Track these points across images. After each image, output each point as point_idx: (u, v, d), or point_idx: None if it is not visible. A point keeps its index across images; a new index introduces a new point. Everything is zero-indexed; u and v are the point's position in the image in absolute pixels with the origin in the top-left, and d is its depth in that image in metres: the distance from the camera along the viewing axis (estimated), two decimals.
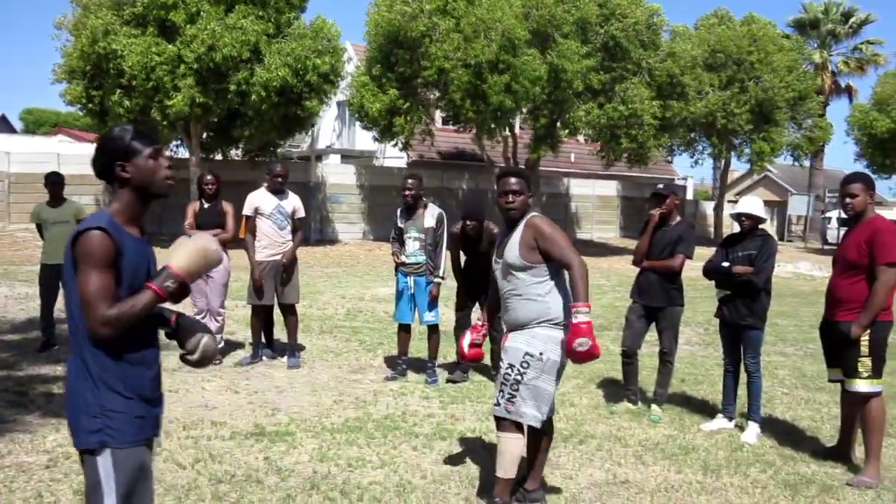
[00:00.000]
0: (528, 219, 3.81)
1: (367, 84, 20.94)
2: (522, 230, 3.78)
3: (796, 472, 4.68)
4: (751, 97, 25.55)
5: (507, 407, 3.72)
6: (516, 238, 3.78)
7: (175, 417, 5.20)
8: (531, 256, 3.73)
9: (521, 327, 3.77)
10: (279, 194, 6.85)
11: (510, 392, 3.71)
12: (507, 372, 3.73)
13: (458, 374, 6.63)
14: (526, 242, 3.74)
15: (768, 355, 7.91)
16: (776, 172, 43.37)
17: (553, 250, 3.70)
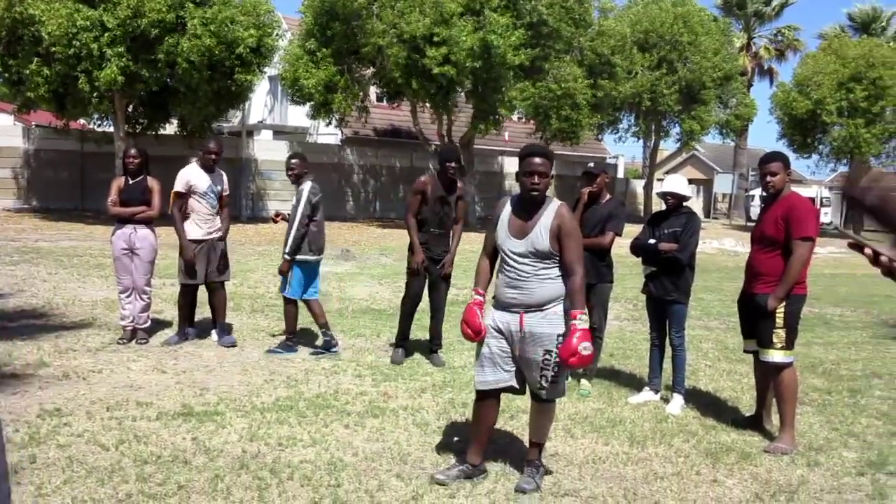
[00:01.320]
0: (557, 207, 3.84)
1: (301, 57, 20.53)
2: (552, 218, 3.80)
3: (717, 441, 4.85)
4: (679, 78, 26.13)
5: (554, 389, 3.90)
6: (546, 224, 3.80)
7: (98, 398, 5.05)
8: (555, 245, 3.79)
9: (538, 307, 3.82)
10: (211, 172, 6.68)
11: (553, 375, 3.84)
12: (546, 358, 3.81)
13: (398, 354, 6.48)
14: (553, 231, 3.78)
15: (693, 329, 8.17)
16: (703, 151, 44.59)
17: (570, 251, 3.80)
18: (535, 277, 3.83)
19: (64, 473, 3.83)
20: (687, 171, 42.91)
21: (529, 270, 3.83)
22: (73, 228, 16.77)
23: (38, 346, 6.28)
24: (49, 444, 4.20)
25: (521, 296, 3.85)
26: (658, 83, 25.94)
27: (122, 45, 16.46)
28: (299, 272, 6.48)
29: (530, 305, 3.84)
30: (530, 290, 3.83)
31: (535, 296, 3.83)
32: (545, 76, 21.24)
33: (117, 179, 6.82)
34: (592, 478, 4.17)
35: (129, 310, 6.69)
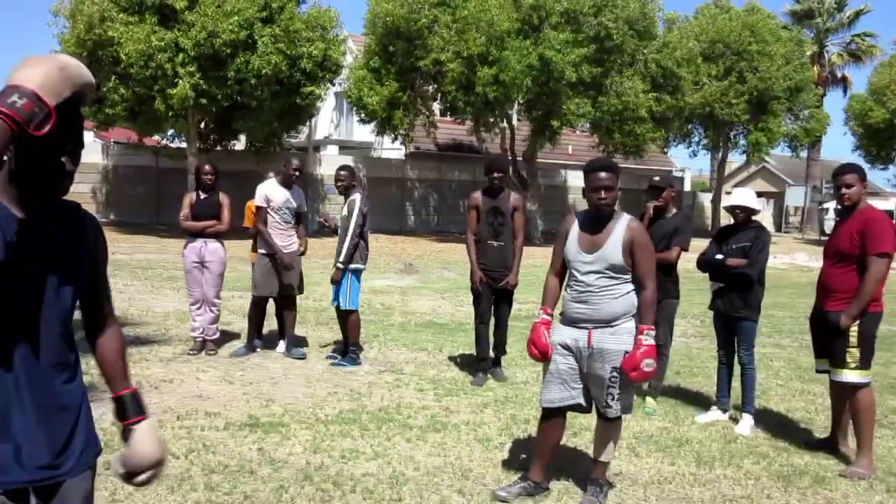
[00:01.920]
0: (628, 221, 3.83)
1: (365, 77, 20.89)
2: (624, 232, 3.78)
3: (790, 464, 4.69)
4: (748, 88, 25.53)
5: (621, 406, 3.85)
6: (618, 238, 3.78)
7: (169, 407, 5.20)
8: (627, 259, 3.78)
9: (607, 323, 3.79)
10: (289, 188, 6.85)
11: (620, 393, 3.80)
12: (613, 375, 3.77)
13: (480, 378, 6.34)
14: (626, 245, 3.77)
15: (763, 347, 7.93)
16: (773, 163, 43.38)
17: (643, 263, 3.79)
18: (604, 293, 3.79)
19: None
20: (757, 183, 41.80)
21: (599, 285, 3.79)
22: (147, 242, 17.38)
23: None
24: None
25: (589, 311, 3.81)
26: (727, 93, 25.39)
27: (194, 64, 17.05)
28: (356, 282, 6.58)
29: (599, 321, 3.79)
30: (599, 306, 3.79)
31: (604, 311, 3.78)
32: (606, 91, 21.05)
33: (189, 194, 7.04)
34: (658, 499, 4.08)
35: (199, 321, 6.88)
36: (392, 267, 14.75)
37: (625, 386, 3.81)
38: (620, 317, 3.79)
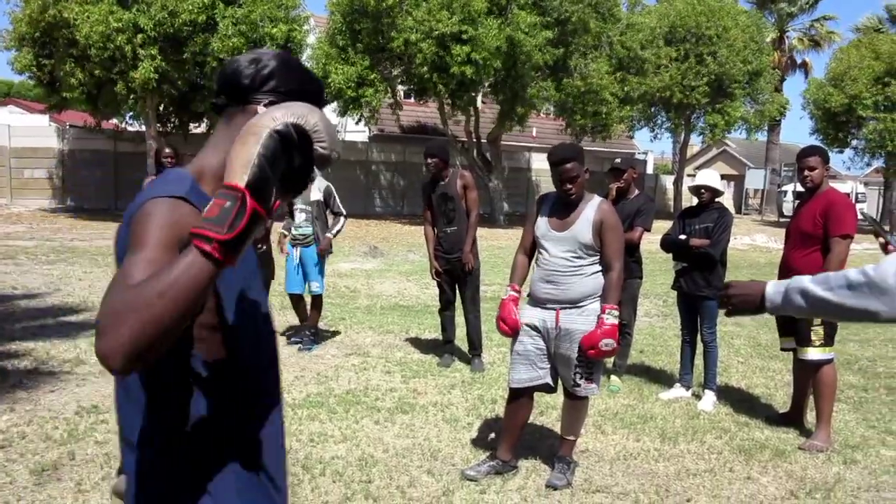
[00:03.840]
0: (599, 202, 3.86)
1: (331, 55, 20.61)
2: (594, 213, 3.81)
3: (751, 438, 4.80)
4: (708, 71, 25.83)
5: (587, 387, 3.88)
6: (588, 218, 3.81)
7: None
8: (596, 239, 3.80)
9: (574, 304, 3.82)
10: None
11: (587, 372, 3.84)
12: (580, 355, 3.79)
13: (446, 359, 6.34)
14: (595, 226, 3.79)
15: (725, 325, 8.08)
16: (734, 147, 44.07)
17: (611, 245, 3.81)
18: (572, 272, 3.82)
19: (102, 469, 3.90)
20: (718, 166, 42.40)
21: (567, 265, 3.83)
22: (107, 228, 17.05)
23: (75, 344, 6.40)
24: (87, 441, 4.28)
25: (557, 291, 3.84)
26: (687, 76, 25.67)
27: (154, 45, 16.69)
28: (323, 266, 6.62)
29: (566, 301, 3.83)
30: (568, 286, 3.82)
31: (571, 291, 3.82)
32: (571, 73, 21.12)
33: (149, 178, 6.93)
34: (624, 474, 4.15)
35: None
36: (357, 250, 14.67)
37: (593, 366, 3.85)
38: (588, 297, 3.83)
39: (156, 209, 1.32)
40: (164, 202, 1.33)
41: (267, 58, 1.50)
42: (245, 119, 1.40)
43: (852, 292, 1.80)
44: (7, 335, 6.62)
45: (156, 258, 1.23)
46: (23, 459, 3.99)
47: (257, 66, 1.47)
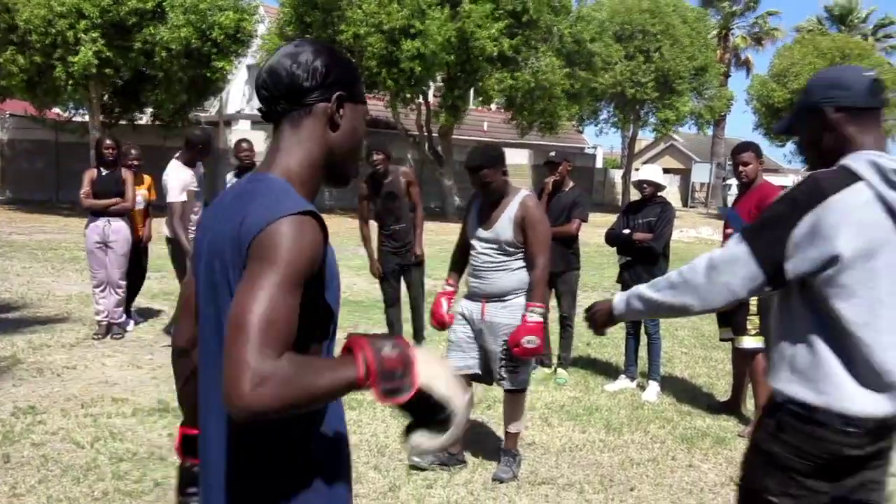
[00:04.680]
0: (523, 198, 3.88)
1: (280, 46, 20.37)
2: (516, 209, 3.83)
3: (693, 427, 4.91)
4: (656, 67, 26.29)
5: (513, 380, 3.91)
6: (510, 215, 3.84)
7: (73, 395, 5.01)
8: (518, 236, 3.82)
9: (499, 298, 3.87)
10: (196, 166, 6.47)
11: (511, 365, 3.86)
12: (504, 349, 3.82)
13: None
14: (517, 222, 3.81)
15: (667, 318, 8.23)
16: (681, 141, 44.87)
17: (534, 241, 3.82)
18: (496, 267, 3.89)
19: (39, 472, 3.80)
20: (665, 160, 43.16)
21: (491, 261, 3.89)
22: (47, 221, 16.56)
23: (12, 342, 6.21)
24: (23, 443, 4.17)
25: (483, 285, 3.92)
26: (636, 73, 26.08)
27: (97, 31, 16.25)
28: None
29: (491, 295, 3.90)
30: (492, 281, 3.89)
31: (495, 286, 3.89)
32: (522, 67, 21.23)
33: (90, 171, 6.71)
34: (569, 465, 4.21)
35: (103, 304, 6.63)
36: None
37: (518, 360, 3.87)
38: (512, 292, 3.88)
39: (300, 233, 1.29)
40: (299, 223, 1.30)
41: (309, 54, 1.44)
42: (314, 122, 1.43)
43: (673, 291, 2.02)
44: None
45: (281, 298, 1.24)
46: None
47: (309, 66, 1.43)
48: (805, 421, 1.89)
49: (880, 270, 1.83)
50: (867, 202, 1.82)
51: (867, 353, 1.84)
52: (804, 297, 1.90)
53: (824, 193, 1.82)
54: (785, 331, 1.97)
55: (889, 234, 1.84)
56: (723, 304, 1.96)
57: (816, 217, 1.81)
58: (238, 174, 6.50)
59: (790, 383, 1.93)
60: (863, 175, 1.84)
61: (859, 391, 1.85)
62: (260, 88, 1.45)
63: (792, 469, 1.92)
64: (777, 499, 1.95)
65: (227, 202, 1.44)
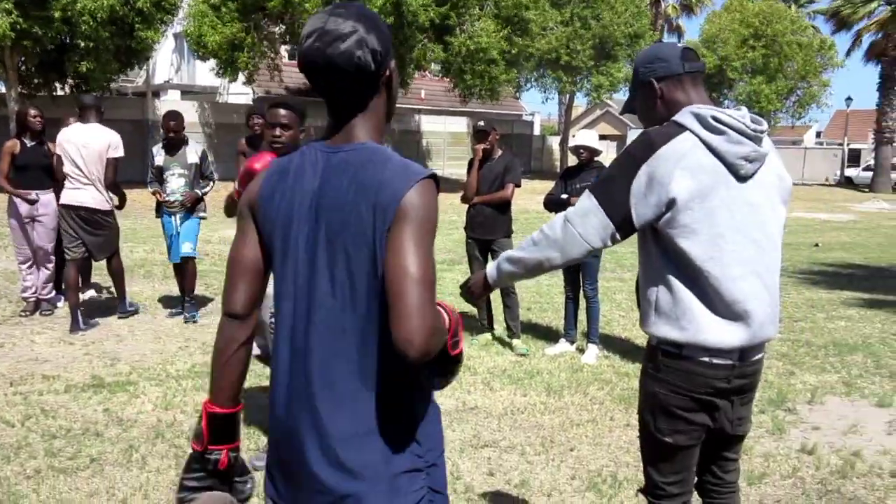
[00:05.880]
0: None
1: (206, 14, 19.72)
2: None
3: (631, 388, 5.03)
4: (593, 34, 26.48)
5: None
6: None
7: (1, 373, 4.83)
8: None
9: None
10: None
11: None
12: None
13: None
14: None
15: (607, 281, 8.40)
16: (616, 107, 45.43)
17: None
18: None
19: None
20: (601, 127, 43.73)
21: None
22: None
23: None
24: None
25: None
26: (573, 39, 26.21)
27: (10, 1, 15.44)
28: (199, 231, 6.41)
29: None
30: None
31: None
32: (458, 33, 21.09)
33: (10, 144, 6.39)
34: (511, 428, 4.27)
35: (30, 280, 6.39)
36: None
37: None
38: None
39: (432, 194, 1.46)
40: (430, 186, 1.47)
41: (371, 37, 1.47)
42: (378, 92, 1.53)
43: (535, 247, 2.19)
44: None
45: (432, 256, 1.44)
46: None
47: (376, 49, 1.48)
48: (676, 358, 2.08)
49: (717, 208, 2.01)
50: (692, 147, 2.02)
51: (716, 286, 2.02)
52: (656, 242, 2.09)
53: (654, 146, 2.03)
54: (646, 277, 2.16)
55: (718, 174, 2.02)
56: (581, 253, 2.14)
57: (650, 168, 2.01)
58: (166, 146, 6.30)
59: (658, 325, 2.10)
60: (686, 125, 2.05)
61: (715, 322, 2.03)
62: (328, 72, 1.48)
63: (675, 406, 2.11)
64: (671, 438, 2.14)
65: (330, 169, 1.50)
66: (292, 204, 1.52)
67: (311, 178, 1.52)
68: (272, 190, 1.55)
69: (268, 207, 1.55)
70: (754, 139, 2.05)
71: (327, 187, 1.49)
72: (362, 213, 1.44)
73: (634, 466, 3.76)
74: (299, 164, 1.55)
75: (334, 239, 1.47)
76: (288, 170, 1.56)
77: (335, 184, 1.48)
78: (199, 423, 1.61)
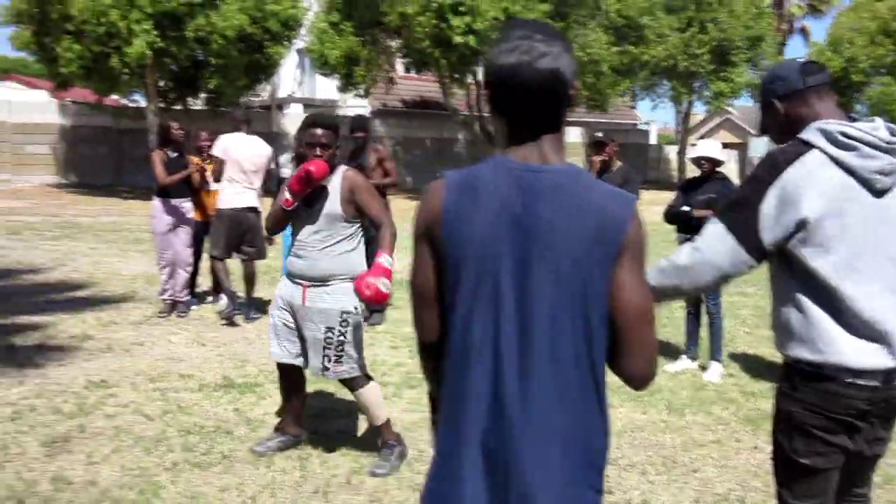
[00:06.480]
0: (343, 171, 3.72)
1: (326, 30, 20.48)
2: (340, 181, 3.68)
3: (757, 408, 4.82)
4: (710, 38, 25.59)
5: (336, 369, 3.69)
6: (335, 187, 3.66)
7: (141, 370, 5.16)
8: (349, 210, 3.66)
9: (322, 282, 3.66)
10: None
11: (336, 354, 3.66)
12: (328, 336, 3.64)
13: (376, 317, 6.67)
14: (343, 196, 3.65)
15: (730, 296, 8.08)
16: (737, 114, 43.71)
17: (370, 206, 3.69)
18: (323, 249, 3.66)
19: (112, 442, 3.94)
20: (721, 134, 42.13)
21: (317, 239, 3.66)
22: (110, 203, 17.04)
23: (82, 320, 6.42)
24: (97, 415, 4.32)
25: (302, 266, 3.69)
26: (690, 44, 25.43)
27: (150, 21, 16.56)
28: None
29: (311, 278, 3.68)
30: (315, 260, 3.66)
31: (318, 267, 3.66)
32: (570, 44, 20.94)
33: (158, 153, 6.83)
34: (630, 446, 4.17)
35: (169, 283, 6.80)
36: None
37: (343, 346, 3.68)
38: (337, 275, 3.68)
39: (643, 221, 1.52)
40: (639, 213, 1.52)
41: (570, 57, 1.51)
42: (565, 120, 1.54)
43: (663, 275, 2.15)
44: (14, 310, 6.65)
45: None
46: (33, 431, 4.02)
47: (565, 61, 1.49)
48: (815, 378, 2.02)
49: (850, 225, 1.97)
50: (821, 165, 1.98)
51: (852, 306, 1.96)
52: (787, 263, 2.06)
53: (780, 166, 2.01)
54: (778, 298, 2.13)
55: (851, 190, 1.97)
56: (711, 281, 2.10)
57: (778, 189, 1.99)
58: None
59: (792, 346, 2.06)
60: (813, 142, 2.01)
61: (853, 342, 1.97)
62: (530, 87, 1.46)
63: (812, 426, 2.05)
64: (808, 459, 2.09)
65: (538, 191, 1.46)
66: (489, 222, 1.46)
67: (509, 197, 1.46)
68: (459, 207, 1.49)
69: (457, 225, 1.49)
70: (890, 151, 1.97)
71: (538, 208, 1.44)
72: (580, 236, 1.42)
73: (764, 492, 3.60)
74: (490, 182, 1.49)
75: (544, 260, 1.43)
76: (476, 187, 1.49)
77: (547, 205, 1.44)
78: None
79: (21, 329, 6.05)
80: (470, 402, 1.46)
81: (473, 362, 1.46)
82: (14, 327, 6.14)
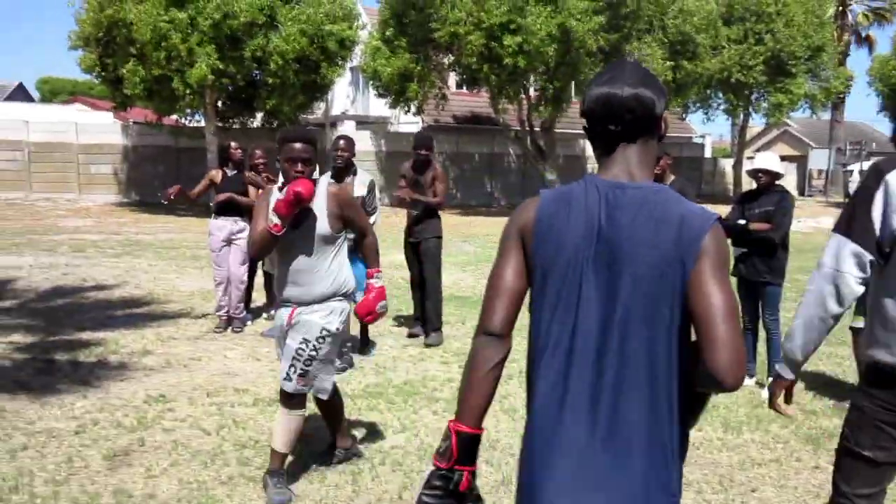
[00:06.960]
0: (325, 187, 3.61)
1: (379, 49, 20.80)
2: (325, 200, 3.56)
3: (818, 427, 4.68)
4: (766, 49, 25.08)
5: (300, 382, 3.58)
6: (320, 208, 3.54)
7: (199, 384, 5.28)
8: (336, 225, 3.59)
9: (315, 302, 3.58)
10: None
11: (302, 368, 3.56)
12: (300, 347, 3.53)
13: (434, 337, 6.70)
14: (331, 212, 3.56)
15: (788, 311, 7.86)
16: (796, 127, 42.70)
17: (358, 220, 3.70)
18: (313, 272, 3.55)
19: (170, 456, 4.03)
20: (779, 147, 41.18)
21: (307, 263, 3.54)
22: (169, 221, 17.53)
23: (142, 335, 6.61)
24: (155, 429, 4.43)
25: (296, 291, 3.58)
26: (745, 56, 24.98)
27: (211, 44, 17.05)
28: None
29: (306, 301, 3.58)
30: (308, 285, 3.56)
31: (312, 291, 3.57)
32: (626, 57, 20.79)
33: (214, 172, 7.03)
34: (686, 464, 4.06)
35: (224, 300, 6.95)
36: None
37: (313, 361, 3.57)
38: (329, 296, 3.59)
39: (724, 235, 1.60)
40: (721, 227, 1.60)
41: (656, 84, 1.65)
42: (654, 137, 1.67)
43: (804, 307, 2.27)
44: (78, 326, 6.88)
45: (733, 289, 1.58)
46: (96, 445, 4.15)
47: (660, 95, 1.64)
48: (891, 378, 2.13)
49: None
50: None
51: None
52: (879, 269, 2.16)
53: (883, 172, 2.13)
54: (870, 305, 2.25)
55: None
56: (852, 286, 2.15)
57: (885, 191, 2.10)
58: (335, 174, 6.05)
59: (873, 347, 2.18)
60: None
61: None
62: (625, 113, 1.61)
63: (882, 422, 2.15)
64: (870, 452, 2.18)
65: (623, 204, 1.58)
66: (576, 234, 1.59)
67: (596, 209, 1.59)
68: (551, 218, 1.63)
69: (548, 234, 1.62)
70: None
71: (620, 220, 1.57)
72: (661, 244, 1.53)
73: None
74: (580, 198, 1.63)
75: (624, 267, 1.54)
76: (569, 200, 1.64)
77: (629, 216, 1.56)
78: (445, 441, 1.65)
79: (85, 344, 6.25)
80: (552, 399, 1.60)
81: (553, 361, 1.60)
82: (78, 343, 6.35)
